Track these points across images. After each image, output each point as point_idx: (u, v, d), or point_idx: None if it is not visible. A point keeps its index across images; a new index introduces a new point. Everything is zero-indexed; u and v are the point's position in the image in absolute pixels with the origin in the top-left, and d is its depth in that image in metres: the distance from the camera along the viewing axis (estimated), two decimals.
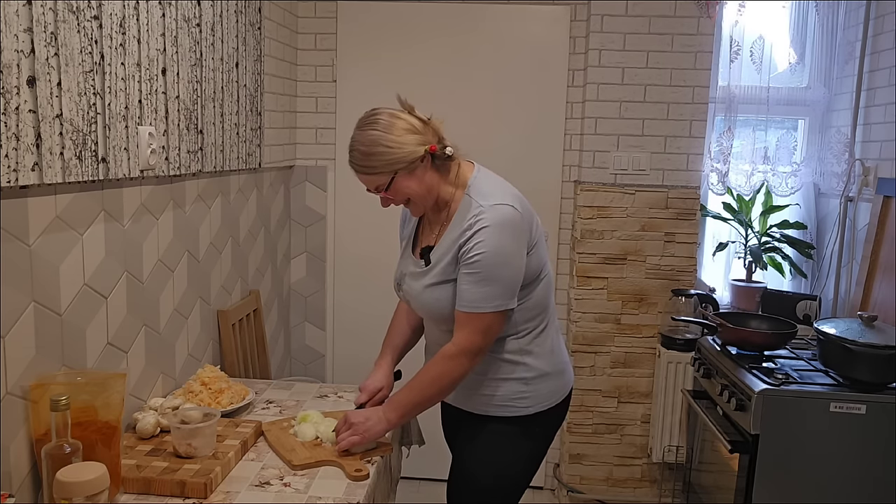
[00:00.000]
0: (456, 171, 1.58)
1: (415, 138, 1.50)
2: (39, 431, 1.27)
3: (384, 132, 1.48)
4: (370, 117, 1.51)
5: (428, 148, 1.51)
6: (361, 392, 1.73)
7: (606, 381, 2.98)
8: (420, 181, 1.52)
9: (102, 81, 1.46)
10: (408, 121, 1.51)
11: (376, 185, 1.53)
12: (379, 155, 1.48)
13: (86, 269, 1.46)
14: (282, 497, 1.39)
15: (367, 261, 3.11)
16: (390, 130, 1.48)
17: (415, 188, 1.52)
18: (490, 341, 1.54)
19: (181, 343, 1.95)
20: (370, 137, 1.48)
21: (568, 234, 3.05)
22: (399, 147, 1.48)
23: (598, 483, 3.03)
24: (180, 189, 1.90)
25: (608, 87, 2.83)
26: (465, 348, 1.51)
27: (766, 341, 2.28)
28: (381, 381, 1.75)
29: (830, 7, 2.86)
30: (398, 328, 1.84)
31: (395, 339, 1.83)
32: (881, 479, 1.98)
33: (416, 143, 1.50)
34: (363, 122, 1.51)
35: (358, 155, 1.50)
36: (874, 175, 2.60)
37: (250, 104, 2.41)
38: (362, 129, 1.50)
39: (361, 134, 1.50)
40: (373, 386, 1.74)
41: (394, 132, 1.48)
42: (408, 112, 1.54)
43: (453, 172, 1.58)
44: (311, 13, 3.00)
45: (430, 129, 1.54)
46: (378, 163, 1.48)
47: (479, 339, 1.51)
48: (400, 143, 1.48)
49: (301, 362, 3.22)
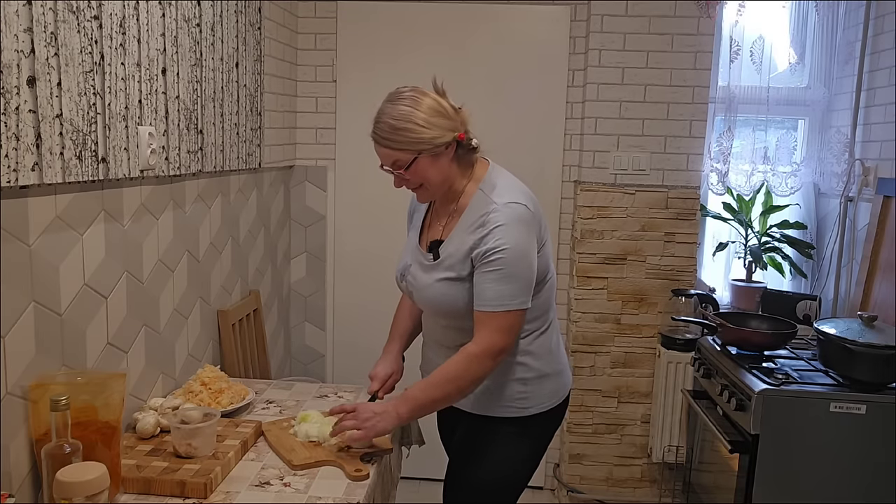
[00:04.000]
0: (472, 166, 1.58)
1: (445, 123, 1.48)
2: (39, 431, 1.27)
3: (416, 109, 1.45)
4: (404, 91, 1.49)
5: (457, 135, 1.50)
6: (372, 380, 1.71)
7: (606, 381, 2.98)
8: (440, 168, 1.50)
9: (102, 81, 1.46)
10: (440, 104, 1.49)
11: (395, 161, 1.49)
12: (407, 131, 1.45)
13: (86, 269, 1.46)
14: (282, 497, 1.39)
15: (367, 261, 3.11)
16: (423, 109, 1.46)
17: (433, 174, 1.50)
18: (513, 340, 1.52)
19: (181, 343, 1.95)
20: (401, 112, 1.45)
21: (568, 234, 3.05)
22: (429, 128, 1.45)
23: (598, 483, 3.03)
24: (180, 189, 1.90)
25: (608, 87, 2.83)
26: (488, 348, 1.48)
27: (766, 341, 2.28)
28: (391, 367, 1.75)
29: (830, 7, 2.86)
30: (404, 314, 1.83)
31: (401, 326, 1.82)
32: (881, 479, 1.98)
33: (445, 128, 1.48)
34: (395, 96, 1.49)
35: (386, 127, 1.46)
36: (874, 175, 2.60)
37: (250, 104, 2.41)
38: (394, 102, 1.47)
39: (392, 107, 1.47)
40: (383, 372, 1.73)
41: (427, 112, 1.46)
42: (440, 96, 1.52)
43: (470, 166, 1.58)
44: (311, 13, 3.00)
45: (461, 118, 1.52)
46: (404, 139, 1.45)
47: (503, 339, 1.48)
48: (430, 125, 1.46)
49: (301, 362, 3.22)
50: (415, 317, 1.82)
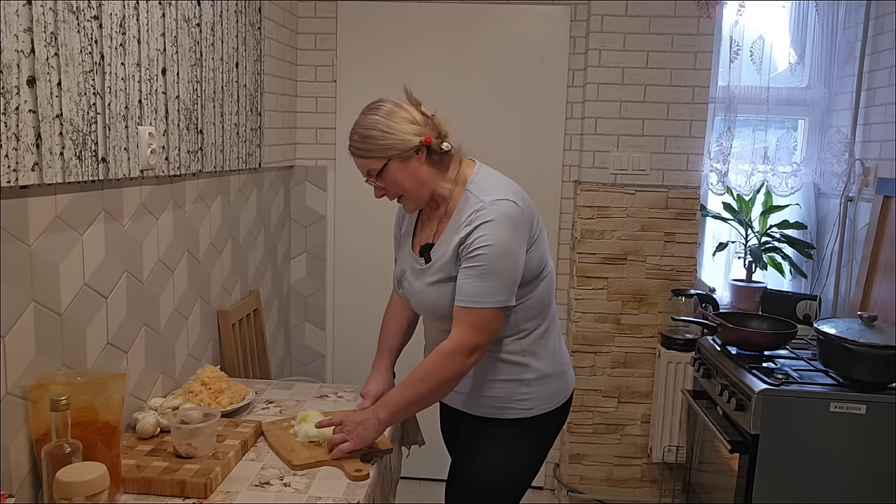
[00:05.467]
0: (456, 169, 1.59)
1: (412, 128, 1.52)
2: (39, 431, 1.27)
3: (383, 118, 1.51)
4: (374, 104, 1.55)
5: (423, 139, 1.52)
6: (364, 399, 1.71)
7: (606, 381, 2.98)
8: (413, 174, 1.53)
9: (102, 81, 1.46)
10: (410, 112, 1.54)
11: (368, 170, 1.54)
12: (374, 139, 1.50)
13: (86, 269, 1.46)
14: (282, 497, 1.39)
15: (367, 261, 3.11)
16: (390, 117, 1.51)
17: (407, 180, 1.53)
18: (487, 339, 1.51)
19: (181, 343, 1.95)
20: (369, 121, 1.52)
21: (568, 234, 3.05)
22: (394, 133, 1.50)
23: (598, 483, 3.03)
24: (180, 189, 1.90)
25: (608, 87, 2.83)
26: (461, 345, 1.48)
27: (766, 341, 2.28)
28: (383, 385, 1.73)
29: (830, 7, 2.86)
30: (391, 327, 1.82)
31: (389, 340, 1.81)
32: (881, 478, 1.98)
33: (412, 133, 1.51)
34: (367, 108, 1.55)
35: (356, 137, 1.53)
36: (874, 175, 2.60)
37: (250, 104, 2.41)
38: (365, 113, 1.54)
39: (363, 118, 1.54)
40: (375, 391, 1.71)
41: (393, 119, 1.51)
42: (413, 105, 1.56)
43: (453, 170, 1.58)
44: (311, 13, 3.00)
45: (431, 124, 1.55)
46: (372, 146, 1.50)
47: (476, 336, 1.48)
48: (396, 130, 1.50)
49: (301, 362, 3.22)
50: (402, 330, 1.82)
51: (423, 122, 1.54)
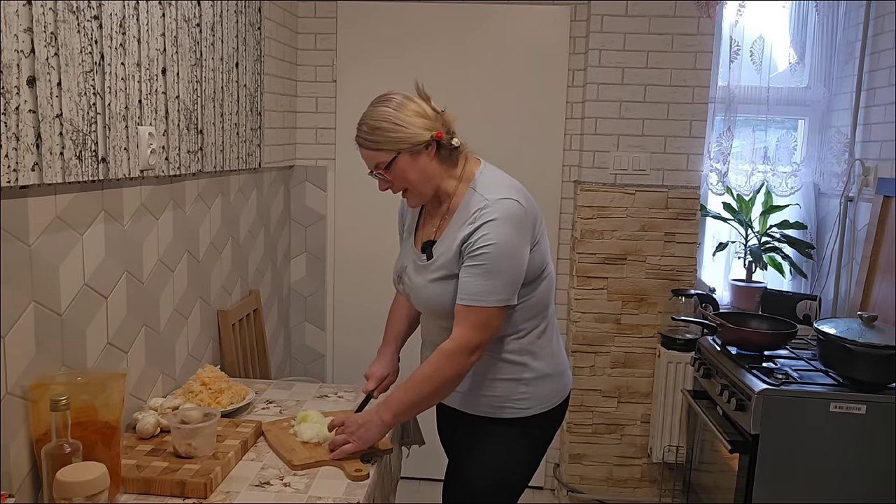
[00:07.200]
0: (462, 166, 1.59)
1: (423, 122, 1.51)
2: (39, 431, 1.27)
3: (394, 110, 1.50)
4: (385, 96, 1.54)
5: (434, 134, 1.51)
6: (368, 380, 1.73)
7: (606, 381, 2.98)
8: (422, 169, 1.53)
9: (102, 81, 1.46)
10: (420, 106, 1.53)
11: (377, 163, 1.53)
12: (385, 131, 1.49)
13: (86, 269, 1.46)
14: (282, 497, 1.39)
15: (367, 261, 3.10)
16: (401, 110, 1.50)
17: (415, 174, 1.52)
18: (489, 338, 1.51)
19: (181, 343, 1.95)
20: (380, 113, 1.50)
21: (568, 234, 3.05)
22: (405, 127, 1.49)
23: (598, 483, 3.03)
24: (180, 189, 1.90)
25: (608, 87, 2.83)
26: (463, 344, 1.48)
27: (766, 341, 2.28)
28: (388, 368, 1.76)
29: (830, 7, 2.86)
30: (398, 314, 1.84)
31: (396, 326, 1.83)
32: (881, 478, 1.98)
33: (423, 127, 1.50)
34: (377, 100, 1.54)
35: (365, 129, 1.51)
36: (874, 175, 2.60)
37: (250, 104, 2.41)
38: (374, 105, 1.53)
39: (373, 110, 1.52)
40: (379, 373, 1.74)
41: (404, 112, 1.50)
42: (423, 100, 1.55)
43: (459, 167, 1.58)
44: (311, 13, 3.00)
45: (441, 120, 1.55)
46: (383, 139, 1.49)
47: (478, 335, 1.48)
48: (407, 124, 1.49)
49: (301, 362, 3.22)
50: (409, 318, 1.83)
51: (433, 117, 1.53)
